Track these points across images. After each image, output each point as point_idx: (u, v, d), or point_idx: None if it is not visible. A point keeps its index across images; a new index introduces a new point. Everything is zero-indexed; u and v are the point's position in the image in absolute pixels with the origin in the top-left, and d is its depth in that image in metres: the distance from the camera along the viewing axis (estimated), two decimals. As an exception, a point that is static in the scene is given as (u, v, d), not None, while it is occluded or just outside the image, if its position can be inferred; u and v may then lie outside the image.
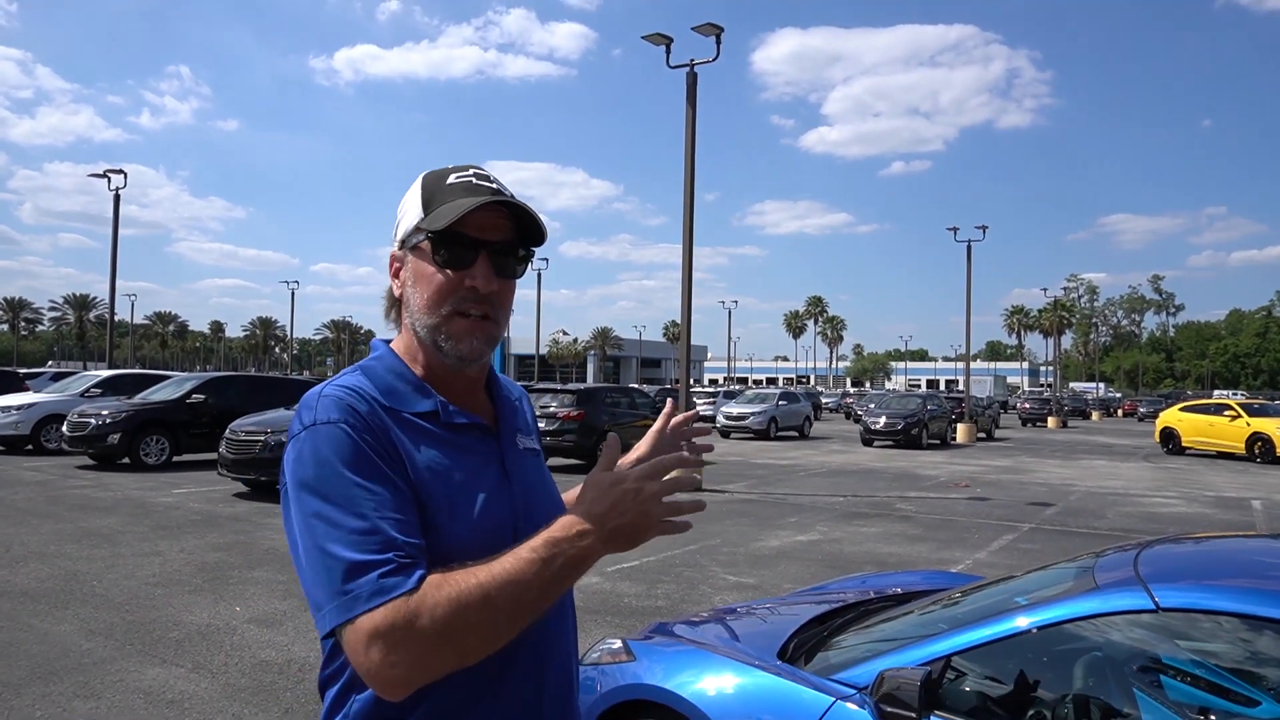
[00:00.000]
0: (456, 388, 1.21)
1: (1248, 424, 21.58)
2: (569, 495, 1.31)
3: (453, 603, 0.99)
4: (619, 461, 1.20)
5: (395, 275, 1.23)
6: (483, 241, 1.15)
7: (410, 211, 1.19)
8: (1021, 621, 2.16)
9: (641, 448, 1.43)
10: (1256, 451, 21.04)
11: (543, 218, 1.19)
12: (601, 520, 1.05)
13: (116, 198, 25.90)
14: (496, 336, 1.19)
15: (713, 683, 2.43)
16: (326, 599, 1.01)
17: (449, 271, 1.15)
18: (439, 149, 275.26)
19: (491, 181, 1.19)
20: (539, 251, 1.27)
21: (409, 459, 1.11)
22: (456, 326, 1.16)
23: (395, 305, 1.25)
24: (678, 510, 1.09)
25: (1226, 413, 22.61)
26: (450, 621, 0.98)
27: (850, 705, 2.15)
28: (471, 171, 1.20)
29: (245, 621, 5.57)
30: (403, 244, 1.20)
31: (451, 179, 1.18)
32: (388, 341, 1.25)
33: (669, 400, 1.73)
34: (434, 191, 1.18)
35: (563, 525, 1.05)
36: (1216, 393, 72.31)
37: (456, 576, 1.01)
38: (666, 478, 1.10)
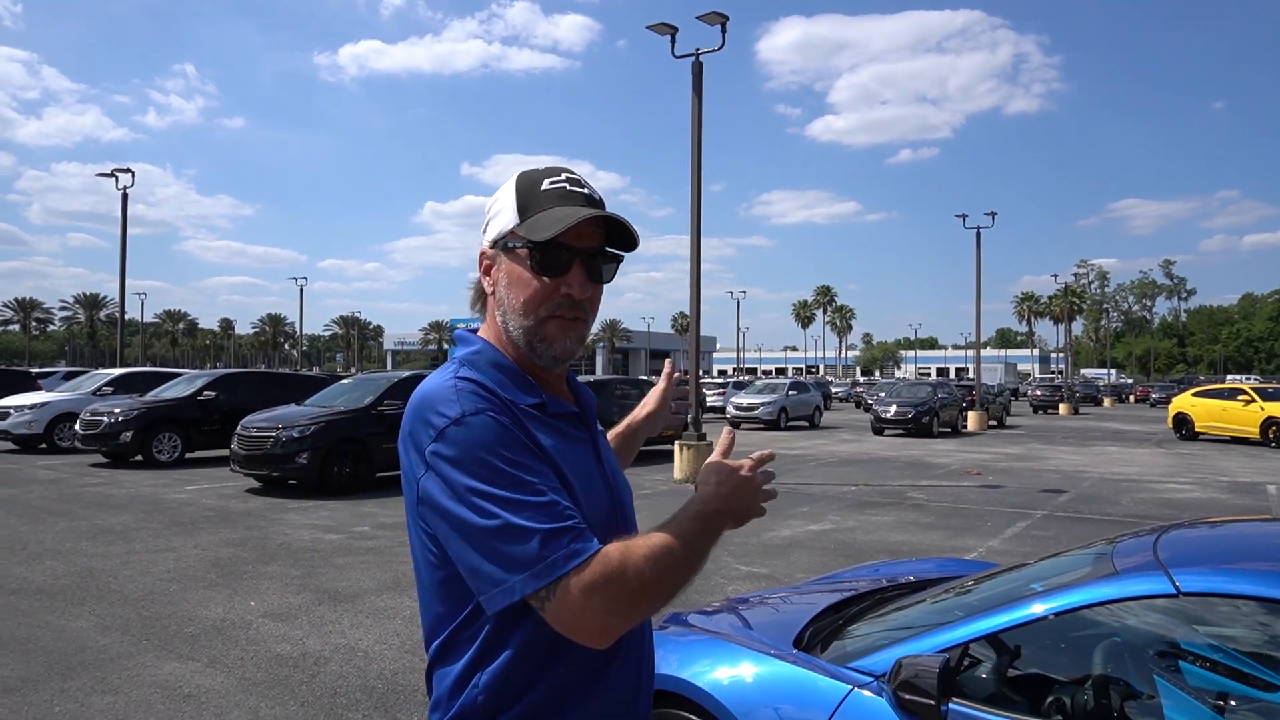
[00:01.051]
0: (548, 378, 1.28)
1: (1262, 408, 21.43)
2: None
3: (649, 560, 1.10)
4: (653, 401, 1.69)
5: (486, 272, 1.28)
6: (577, 249, 1.20)
7: (504, 213, 1.24)
8: (1040, 608, 2.14)
9: (649, 403, 1.75)
10: (1271, 436, 20.90)
11: (635, 227, 1.24)
12: (727, 500, 1.22)
13: (124, 197, 26.00)
14: (586, 336, 1.27)
15: (729, 672, 2.42)
16: (516, 569, 1.07)
17: (545, 279, 1.21)
18: (445, 143, 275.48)
19: (583, 186, 1.25)
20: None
21: (540, 446, 1.18)
22: (551, 329, 1.22)
23: (482, 297, 1.30)
24: (769, 497, 1.29)
25: (1240, 397, 22.46)
26: (650, 575, 1.10)
27: (867, 693, 2.14)
28: (565, 177, 1.24)
29: (260, 616, 5.60)
30: (495, 244, 1.25)
31: (546, 185, 1.23)
32: (474, 331, 1.31)
33: (668, 360, 1.95)
34: (529, 197, 1.22)
35: (702, 502, 1.21)
36: (1230, 377, 71.77)
37: (640, 541, 1.13)
38: (764, 468, 1.27)
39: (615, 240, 1.25)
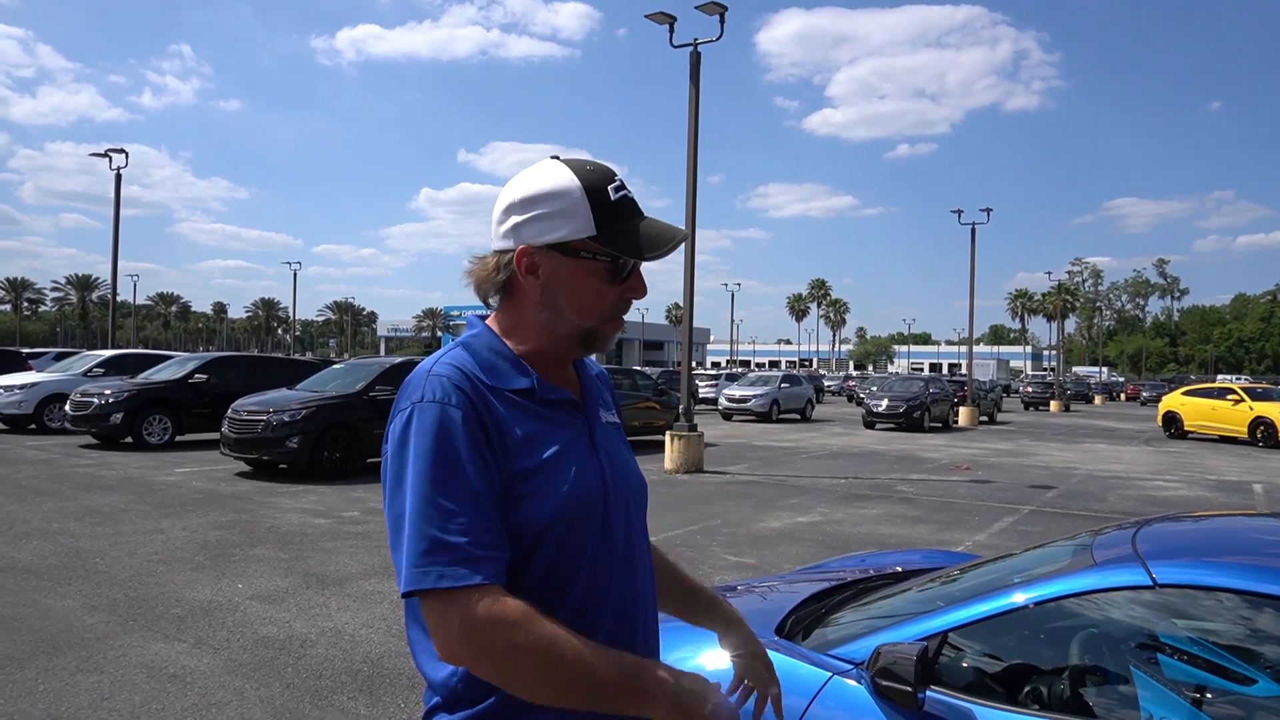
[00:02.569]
0: (551, 365, 1.29)
1: (1250, 408, 21.57)
2: (728, 614, 1.64)
3: (541, 638, 1.07)
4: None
5: (531, 272, 1.24)
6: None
7: (569, 218, 1.21)
8: (1019, 598, 2.15)
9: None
10: (1259, 436, 21.04)
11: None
12: (678, 710, 1.13)
13: (118, 177, 25.86)
14: None
15: (711, 657, 2.43)
16: (407, 565, 1.09)
17: (616, 286, 1.25)
18: (442, 130, 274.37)
19: (628, 189, 1.27)
20: None
21: (509, 435, 1.18)
22: (609, 330, 1.28)
23: (501, 290, 1.28)
24: None
25: (1229, 397, 22.60)
26: (527, 649, 1.07)
27: (847, 680, 2.16)
28: (619, 182, 1.26)
29: (247, 598, 5.60)
30: (552, 246, 1.22)
31: (612, 194, 1.23)
32: (483, 318, 1.31)
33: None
34: (603, 207, 1.22)
35: (658, 671, 1.15)
36: (1220, 377, 72.14)
37: (556, 626, 1.09)
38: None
39: None
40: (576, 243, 1.22)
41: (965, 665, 2.18)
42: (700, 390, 31.64)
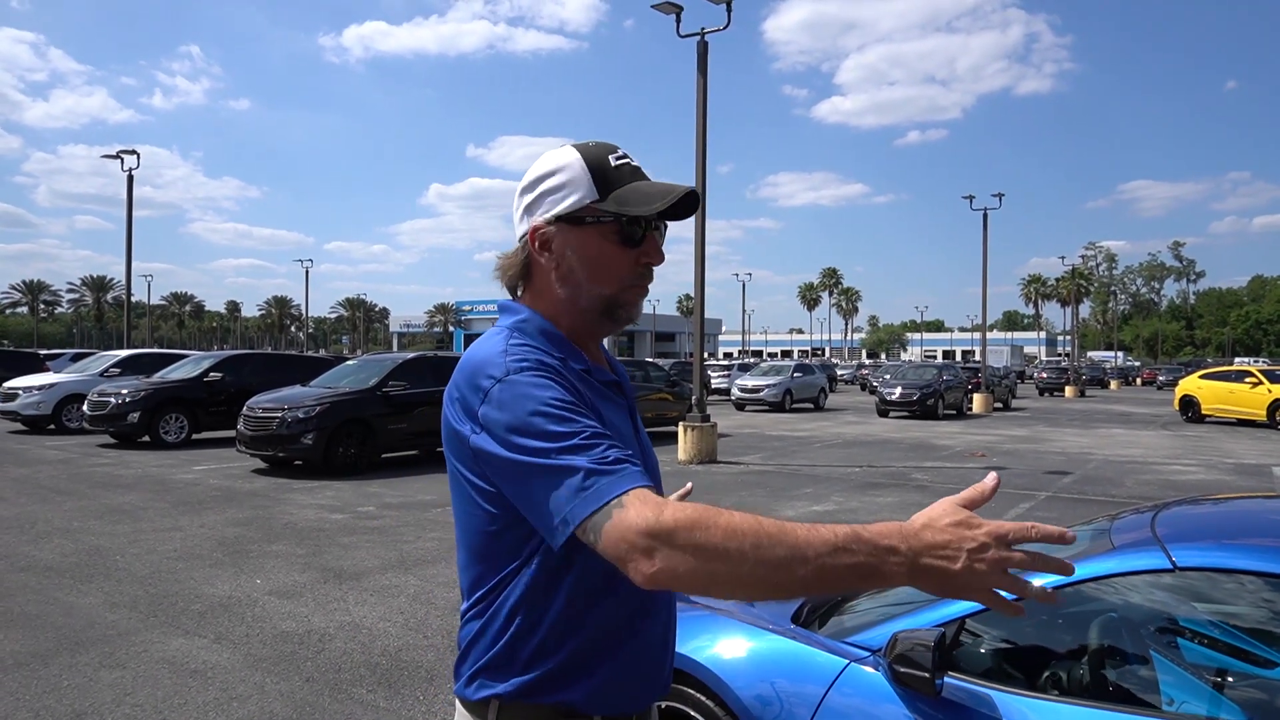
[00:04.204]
0: (590, 349, 1.32)
1: (1269, 391, 21.36)
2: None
3: (740, 527, 0.97)
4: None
5: (545, 248, 1.26)
6: (653, 222, 1.27)
7: (574, 188, 1.24)
8: (1036, 582, 2.14)
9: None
10: (1278, 418, 20.83)
11: (699, 202, 1.31)
12: (922, 550, 0.97)
13: (130, 179, 26.00)
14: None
15: (727, 646, 2.44)
16: (569, 500, 1.04)
17: (629, 250, 1.25)
18: (450, 125, 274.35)
19: (631, 159, 1.29)
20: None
21: (587, 402, 1.19)
22: (631, 296, 1.28)
23: (525, 274, 1.30)
24: (1019, 588, 0.98)
25: (1247, 379, 22.37)
26: (734, 539, 0.96)
27: (864, 667, 2.15)
28: (621, 153, 1.29)
29: (265, 594, 5.65)
30: (560, 218, 1.25)
31: (614, 161, 1.26)
32: (514, 296, 1.34)
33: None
34: (604, 173, 1.25)
35: (882, 530, 0.98)
36: (1238, 360, 71.48)
37: (741, 514, 1.00)
38: (1027, 548, 0.98)
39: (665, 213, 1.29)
40: (582, 210, 1.24)
41: (983, 651, 2.17)
42: (713, 381, 31.60)
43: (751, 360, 45.73)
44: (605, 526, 1.01)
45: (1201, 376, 24.40)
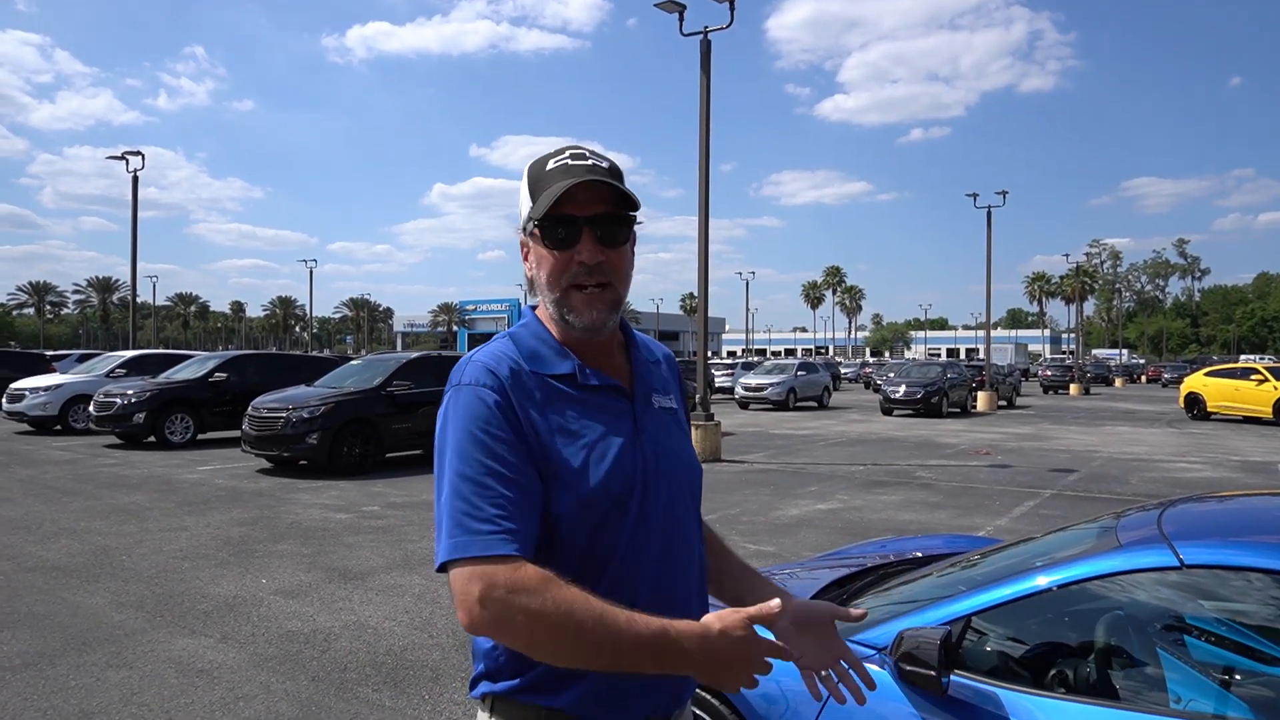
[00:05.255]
0: (592, 351, 1.31)
1: (1275, 388, 21.28)
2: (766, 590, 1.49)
3: (559, 605, 1.09)
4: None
5: (525, 258, 1.33)
6: (582, 218, 1.24)
7: (524, 200, 1.30)
8: (1043, 581, 2.14)
9: (792, 615, 1.33)
10: (1283, 415, 20.76)
11: (628, 187, 1.27)
12: (713, 660, 1.12)
13: (135, 180, 26.06)
14: (618, 302, 1.29)
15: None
16: (443, 538, 1.15)
17: (556, 252, 1.26)
18: (453, 125, 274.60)
19: (587, 159, 1.28)
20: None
21: (543, 420, 1.22)
22: (574, 300, 1.26)
23: (531, 282, 1.36)
24: (757, 669, 1.16)
25: (1253, 377, 22.29)
26: (544, 617, 1.09)
27: (870, 665, 2.15)
28: (568, 153, 1.28)
29: (271, 593, 5.66)
30: (524, 230, 1.31)
31: (550, 165, 1.27)
32: (534, 308, 1.37)
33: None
34: (536, 179, 1.28)
35: (686, 632, 1.12)
36: (1243, 357, 71.18)
37: (576, 592, 1.11)
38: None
39: (624, 203, 1.27)
40: (525, 220, 1.29)
41: (989, 649, 2.17)
42: (716, 379, 31.58)
43: (755, 359, 45.67)
44: (451, 577, 1.14)
45: (1207, 374, 24.32)
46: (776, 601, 1.16)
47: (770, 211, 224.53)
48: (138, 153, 26.08)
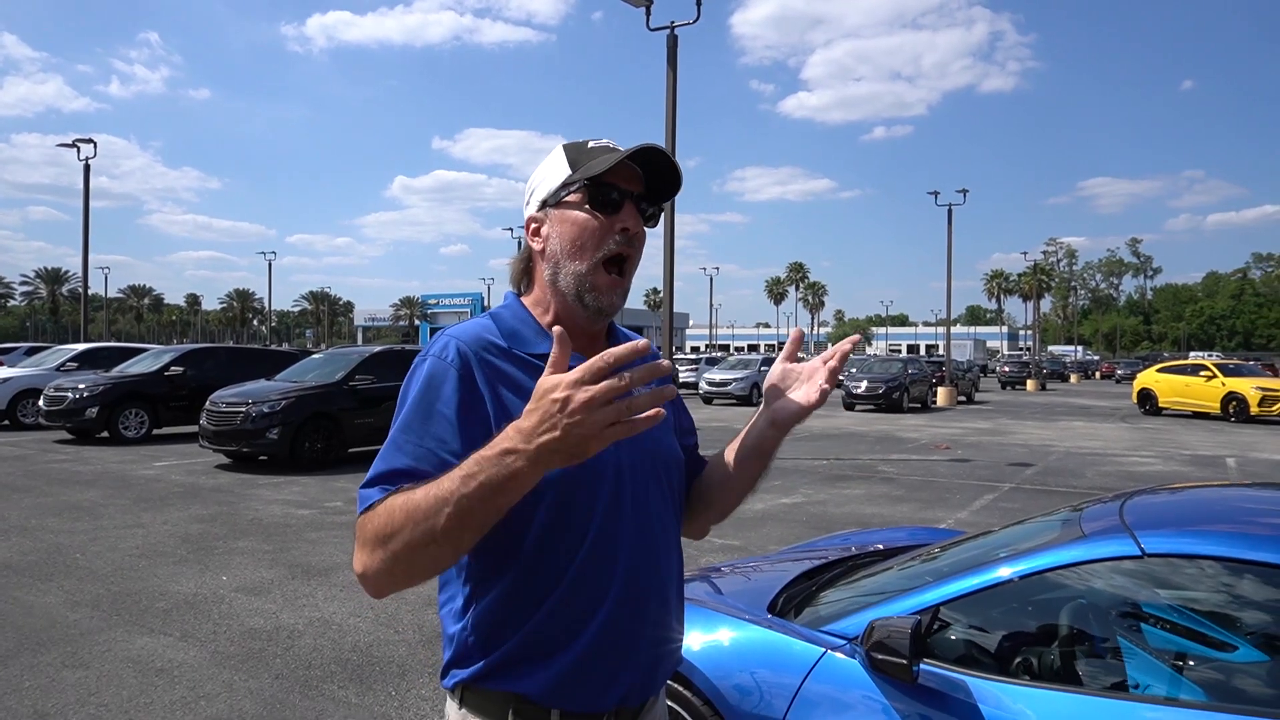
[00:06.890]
0: (576, 339, 1.29)
1: (1223, 384, 21.92)
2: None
3: (386, 510, 1.08)
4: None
5: (535, 235, 1.33)
6: (629, 190, 1.28)
7: (554, 173, 1.31)
8: (1008, 571, 2.19)
9: (810, 397, 1.32)
10: (1231, 411, 21.40)
11: (680, 167, 1.32)
12: (528, 436, 0.98)
13: (86, 168, 25.38)
14: (627, 294, 1.32)
15: (705, 637, 2.45)
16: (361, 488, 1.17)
17: (602, 216, 1.26)
18: (415, 117, 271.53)
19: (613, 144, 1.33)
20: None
21: (515, 398, 1.20)
22: (600, 280, 1.27)
23: (526, 272, 1.36)
24: (631, 409, 0.95)
25: (1202, 373, 22.94)
26: (381, 527, 1.08)
27: (840, 655, 2.18)
28: (605, 141, 1.33)
29: (232, 591, 5.56)
30: (544, 204, 1.31)
31: (591, 144, 1.31)
32: (517, 295, 1.37)
33: (796, 329, 1.43)
34: (579, 154, 1.30)
35: (495, 441, 1.02)
36: (1193, 354, 73.16)
37: (405, 491, 1.09)
38: (617, 381, 0.94)
39: (655, 192, 1.32)
40: (559, 186, 1.29)
41: (958, 638, 2.21)
42: (680, 375, 31.68)
43: (719, 354, 45.88)
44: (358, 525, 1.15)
45: (1159, 370, 24.96)
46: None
47: (734, 207, 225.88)
48: (89, 140, 25.41)
